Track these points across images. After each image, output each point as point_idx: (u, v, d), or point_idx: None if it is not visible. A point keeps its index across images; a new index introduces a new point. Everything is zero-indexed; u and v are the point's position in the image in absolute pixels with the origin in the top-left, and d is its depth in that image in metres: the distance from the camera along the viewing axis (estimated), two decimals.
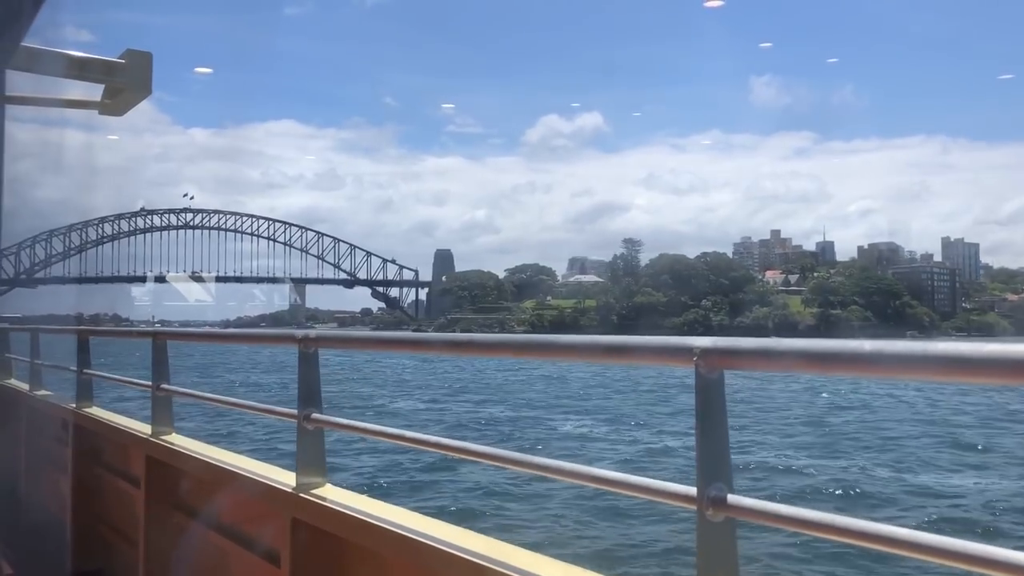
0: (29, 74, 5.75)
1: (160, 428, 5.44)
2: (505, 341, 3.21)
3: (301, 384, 3.72)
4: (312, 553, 3.59)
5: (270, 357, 68.58)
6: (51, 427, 7.74)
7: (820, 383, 51.08)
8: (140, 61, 5.87)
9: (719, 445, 2.06)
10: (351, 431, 3.81)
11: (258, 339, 6.97)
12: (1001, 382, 1.54)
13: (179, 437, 5.39)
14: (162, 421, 5.46)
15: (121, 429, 6.09)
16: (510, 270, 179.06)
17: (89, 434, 6.70)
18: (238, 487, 4.23)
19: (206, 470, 4.67)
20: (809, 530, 1.85)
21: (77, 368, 7.11)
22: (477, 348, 3.36)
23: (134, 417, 6.37)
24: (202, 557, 4.80)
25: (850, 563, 12.25)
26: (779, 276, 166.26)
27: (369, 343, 4.89)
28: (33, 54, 5.33)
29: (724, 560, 2.04)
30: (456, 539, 2.87)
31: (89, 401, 7.02)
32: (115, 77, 5.79)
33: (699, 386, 2.05)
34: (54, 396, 8.05)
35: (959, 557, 1.52)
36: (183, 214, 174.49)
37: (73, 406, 6.99)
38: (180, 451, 5.03)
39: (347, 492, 3.66)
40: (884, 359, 1.69)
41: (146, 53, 5.92)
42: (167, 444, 5.22)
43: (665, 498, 2.18)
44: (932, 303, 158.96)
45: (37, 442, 8.17)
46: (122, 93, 5.88)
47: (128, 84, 5.84)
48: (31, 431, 8.35)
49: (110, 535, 6.44)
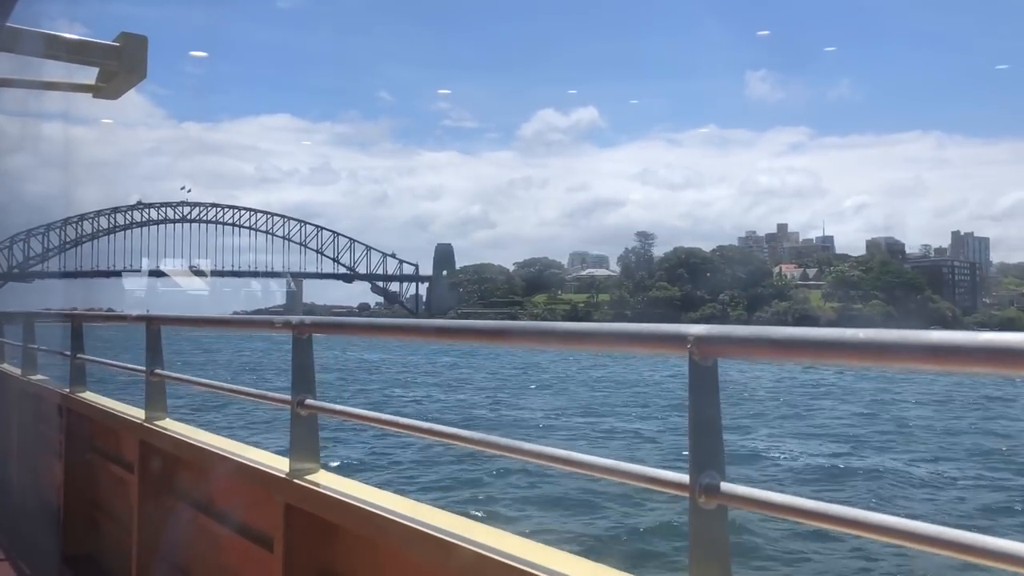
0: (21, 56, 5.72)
1: (154, 413, 5.46)
2: (498, 328, 3.21)
3: (295, 370, 3.76)
4: (305, 539, 3.63)
5: (262, 353, 68.00)
6: (44, 412, 7.74)
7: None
8: (135, 44, 5.86)
9: (712, 433, 2.08)
10: (344, 417, 3.83)
11: (252, 324, 6.98)
12: (993, 371, 1.55)
13: (173, 422, 5.42)
14: (156, 406, 5.48)
15: (114, 414, 6.10)
16: (518, 264, 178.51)
17: (82, 419, 6.71)
18: (231, 472, 4.26)
19: (199, 455, 4.70)
20: (802, 518, 1.87)
21: (71, 353, 7.10)
22: (469, 335, 3.37)
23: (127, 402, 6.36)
24: (195, 542, 4.82)
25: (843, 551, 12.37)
26: (795, 270, 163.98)
27: (361, 329, 4.91)
28: (26, 35, 5.31)
29: (716, 547, 2.07)
30: (450, 526, 2.90)
31: (83, 386, 7.03)
32: (110, 60, 5.75)
33: (692, 373, 2.07)
34: (47, 380, 8.05)
35: (951, 546, 1.55)
36: (180, 207, 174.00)
37: (67, 391, 6.98)
38: (174, 436, 5.05)
39: (340, 478, 3.70)
40: (878, 347, 1.71)
41: (141, 36, 5.93)
42: (161, 429, 5.25)
43: (658, 485, 2.21)
44: (953, 297, 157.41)
45: (30, 426, 8.17)
46: (117, 76, 5.88)
47: (123, 67, 5.83)
48: (24, 416, 8.35)
49: (103, 520, 6.46)
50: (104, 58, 5.78)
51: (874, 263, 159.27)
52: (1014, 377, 1.70)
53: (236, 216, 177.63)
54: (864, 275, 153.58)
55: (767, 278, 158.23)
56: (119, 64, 5.77)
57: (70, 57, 5.78)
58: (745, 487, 2.01)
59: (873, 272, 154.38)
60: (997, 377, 2.62)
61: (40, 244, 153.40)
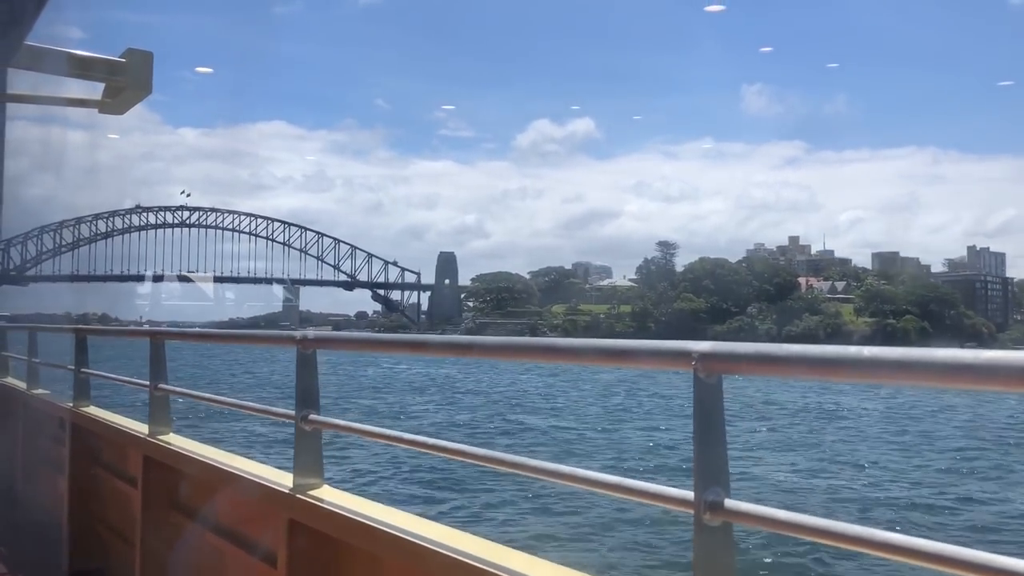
0: (31, 72, 5.80)
1: (158, 428, 5.52)
2: (506, 344, 3.27)
3: (299, 385, 3.81)
4: (309, 555, 3.70)
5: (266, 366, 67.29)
6: (48, 426, 7.79)
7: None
8: (141, 60, 5.97)
9: (717, 450, 2.10)
10: (349, 432, 3.85)
11: (256, 339, 6.98)
12: (1001, 389, 1.55)
13: (177, 437, 5.47)
14: (160, 421, 5.54)
15: (119, 429, 6.16)
16: (534, 273, 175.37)
17: (86, 433, 6.77)
18: (235, 488, 4.32)
19: (203, 470, 4.76)
20: (807, 535, 1.87)
21: (75, 367, 7.13)
22: (478, 351, 3.40)
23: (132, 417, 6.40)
24: (199, 558, 4.86)
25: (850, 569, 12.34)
26: (821, 283, 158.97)
27: (368, 344, 4.84)
28: (36, 53, 5.41)
29: (721, 565, 2.08)
30: (453, 541, 2.93)
31: (87, 400, 7.09)
32: (116, 76, 5.83)
33: (697, 390, 2.10)
34: (51, 395, 8.09)
35: (957, 564, 1.55)
36: (179, 212, 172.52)
37: (71, 405, 7.02)
38: (178, 451, 5.12)
39: (344, 493, 3.73)
40: (884, 365, 1.71)
41: (147, 52, 6.02)
42: (165, 444, 5.31)
43: (662, 502, 2.23)
44: (986, 313, 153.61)
45: (34, 441, 8.23)
46: (123, 92, 5.97)
47: (129, 83, 5.91)
48: (28, 430, 8.39)
49: (107, 535, 6.50)
50: (110, 74, 5.86)
51: (905, 277, 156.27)
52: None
53: (236, 221, 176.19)
54: (895, 290, 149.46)
55: (794, 290, 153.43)
56: (126, 80, 5.85)
57: (76, 73, 5.86)
58: (750, 504, 2.01)
59: (906, 286, 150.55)
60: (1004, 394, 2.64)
61: (36, 247, 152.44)
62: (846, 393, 50.47)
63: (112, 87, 5.98)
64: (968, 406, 43.78)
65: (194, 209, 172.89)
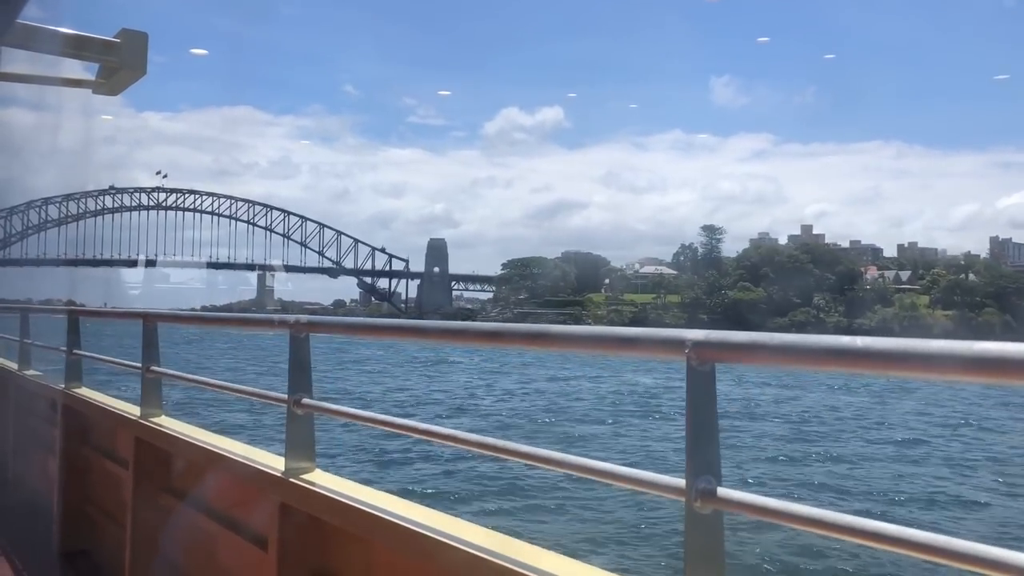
0: (23, 51, 5.77)
1: (149, 410, 5.56)
2: (500, 330, 3.28)
3: (292, 369, 3.86)
4: (300, 538, 3.76)
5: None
6: (40, 407, 7.81)
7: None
8: (135, 40, 5.95)
9: (709, 438, 2.13)
10: (341, 416, 3.89)
11: (249, 323, 7.01)
12: (995, 381, 1.56)
13: (168, 419, 5.52)
14: (151, 403, 5.59)
15: (110, 410, 6.20)
16: (558, 259, 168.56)
17: (78, 415, 6.80)
18: (227, 470, 4.38)
19: (195, 453, 4.82)
20: (798, 524, 1.89)
21: (67, 348, 7.16)
22: (471, 337, 3.42)
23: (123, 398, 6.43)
24: (190, 540, 4.91)
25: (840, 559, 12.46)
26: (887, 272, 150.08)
27: (362, 329, 4.83)
28: (29, 31, 5.39)
29: (711, 552, 2.12)
30: (445, 526, 2.97)
31: (78, 382, 7.12)
32: (111, 56, 5.80)
33: (690, 379, 2.13)
34: (43, 376, 8.10)
35: (950, 555, 1.57)
36: (155, 194, 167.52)
37: (62, 386, 7.05)
38: (169, 433, 5.17)
39: (336, 477, 3.75)
40: (876, 356, 1.74)
41: (142, 33, 6.00)
42: (156, 426, 5.36)
43: (654, 489, 2.26)
44: None
45: (25, 422, 8.27)
46: (117, 73, 5.92)
47: (123, 64, 5.88)
48: (19, 411, 8.41)
49: (98, 516, 6.55)
50: (105, 54, 5.84)
51: (980, 266, 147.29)
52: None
53: (215, 204, 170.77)
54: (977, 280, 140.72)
55: (857, 280, 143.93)
56: (120, 61, 5.83)
57: (71, 53, 5.83)
58: (741, 492, 2.04)
59: (984, 276, 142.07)
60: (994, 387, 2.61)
61: (1, 229, 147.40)
62: (837, 381, 50.71)
63: (107, 67, 5.96)
64: (964, 397, 44.14)
65: (171, 191, 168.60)
